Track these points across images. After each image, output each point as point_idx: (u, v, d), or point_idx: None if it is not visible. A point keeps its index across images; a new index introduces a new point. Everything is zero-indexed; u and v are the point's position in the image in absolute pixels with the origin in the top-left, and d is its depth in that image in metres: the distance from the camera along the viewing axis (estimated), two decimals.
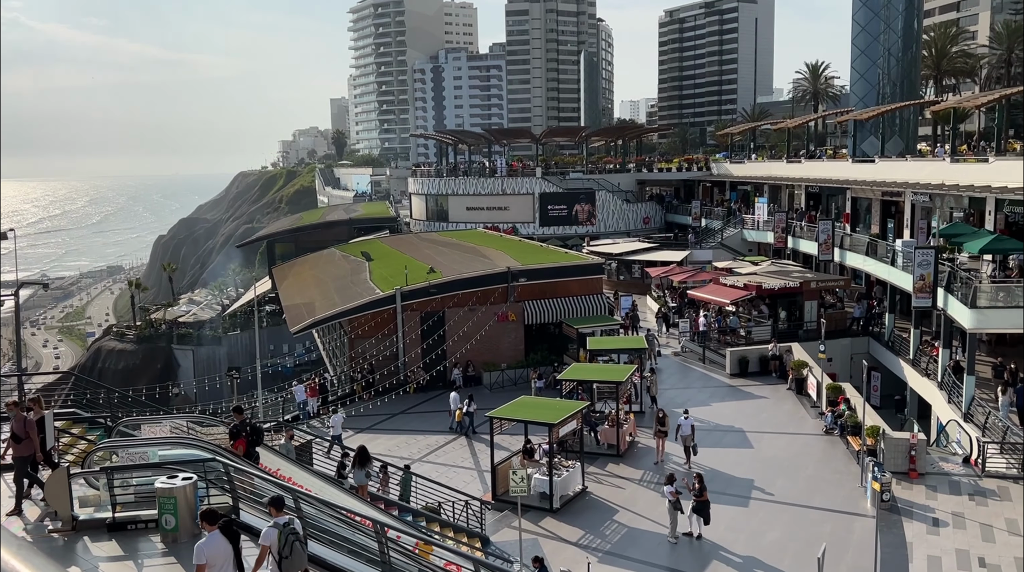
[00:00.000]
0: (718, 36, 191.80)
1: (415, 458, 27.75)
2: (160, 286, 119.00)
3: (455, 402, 31.83)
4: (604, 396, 29.29)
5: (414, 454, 28.27)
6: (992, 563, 19.24)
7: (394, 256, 48.90)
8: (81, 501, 12.89)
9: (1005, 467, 24.29)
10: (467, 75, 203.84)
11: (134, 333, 68.03)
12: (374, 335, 35.86)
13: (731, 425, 29.62)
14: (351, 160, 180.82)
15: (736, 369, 36.31)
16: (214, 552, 9.89)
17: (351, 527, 12.65)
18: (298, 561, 10.41)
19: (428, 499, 21.90)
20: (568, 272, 39.69)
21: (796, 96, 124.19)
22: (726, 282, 42.61)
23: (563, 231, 70.54)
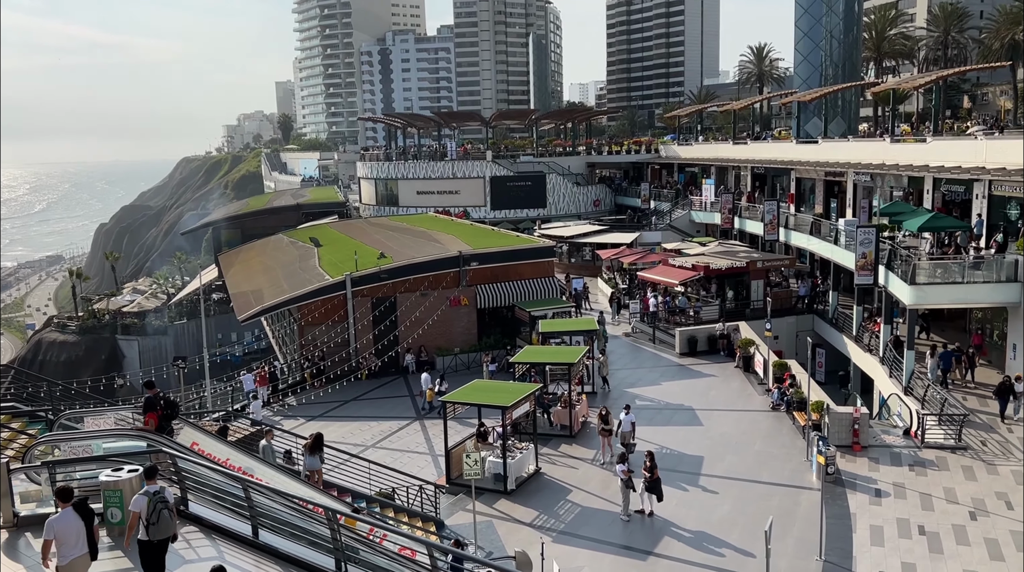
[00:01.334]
0: (665, 19, 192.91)
1: (368, 444, 27.62)
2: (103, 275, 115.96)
3: (427, 382, 31.86)
4: (557, 378, 29.42)
5: (367, 441, 28.12)
6: (931, 531, 19.92)
7: (343, 242, 48.34)
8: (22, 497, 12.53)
9: (943, 438, 25.11)
10: (415, 57, 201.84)
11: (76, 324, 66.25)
12: (324, 322, 35.50)
13: (681, 404, 30.05)
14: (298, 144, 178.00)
15: (685, 348, 36.80)
16: (64, 528, 10.29)
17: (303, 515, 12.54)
18: (164, 527, 10.91)
19: (382, 485, 21.83)
20: (520, 255, 39.72)
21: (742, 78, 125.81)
22: (675, 263, 43.09)
23: (514, 214, 70.52)
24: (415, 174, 72.95)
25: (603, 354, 32.50)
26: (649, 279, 44.01)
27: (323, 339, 35.33)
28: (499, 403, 23.21)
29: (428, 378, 32.18)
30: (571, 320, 37.14)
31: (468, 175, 70.97)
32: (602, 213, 71.84)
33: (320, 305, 35.55)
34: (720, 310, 40.66)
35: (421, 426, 29.56)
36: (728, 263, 41.67)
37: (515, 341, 37.55)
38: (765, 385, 31.35)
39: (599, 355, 32.56)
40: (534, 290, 38.91)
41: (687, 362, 35.71)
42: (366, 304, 36.26)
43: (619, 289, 48.02)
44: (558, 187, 71.21)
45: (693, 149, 66.75)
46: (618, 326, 43.12)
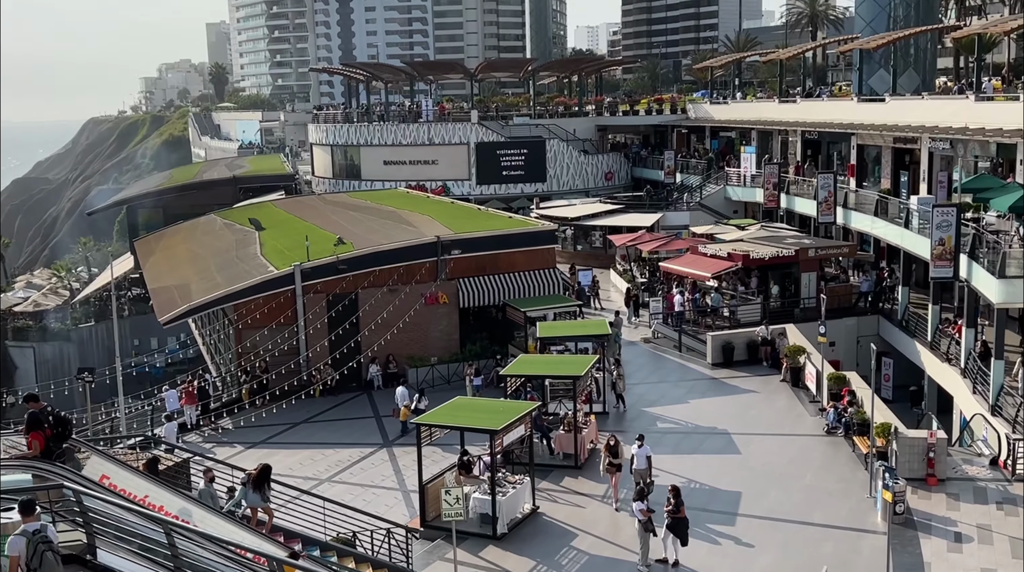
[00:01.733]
0: None
1: (323, 477, 27.64)
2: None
3: (402, 398, 31.98)
4: (559, 395, 29.45)
5: (322, 473, 28.15)
6: None
7: (292, 224, 48.27)
8: None
9: None
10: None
11: None
12: (267, 325, 35.48)
13: (713, 426, 30.17)
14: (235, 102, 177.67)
15: (719, 357, 36.94)
16: None
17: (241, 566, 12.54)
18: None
19: (340, 528, 21.85)
20: (513, 242, 39.75)
21: (790, 21, 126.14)
22: (706, 251, 43.21)
23: (506, 191, 70.56)
24: (381, 140, 72.88)
25: (617, 365, 32.60)
26: (674, 271, 44.09)
27: (266, 346, 35.29)
28: (487, 426, 23.25)
29: (404, 393, 32.28)
30: (577, 322, 37.13)
31: (448, 141, 70.93)
32: (615, 189, 71.88)
33: (262, 304, 35.51)
34: (762, 310, 40.78)
35: (389, 455, 29.59)
36: (773, 251, 41.83)
37: (506, 349, 37.57)
38: (818, 403, 31.49)
39: (612, 366, 32.65)
40: (530, 285, 38.95)
41: (721, 375, 35.82)
42: (320, 302, 36.24)
43: (636, 284, 48.13)
44: (561, 156, 71.27)
45: (729, 109, 66.90)
46: (635, 330, 43.19)
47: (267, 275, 36.39)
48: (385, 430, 31.98)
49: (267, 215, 52.30)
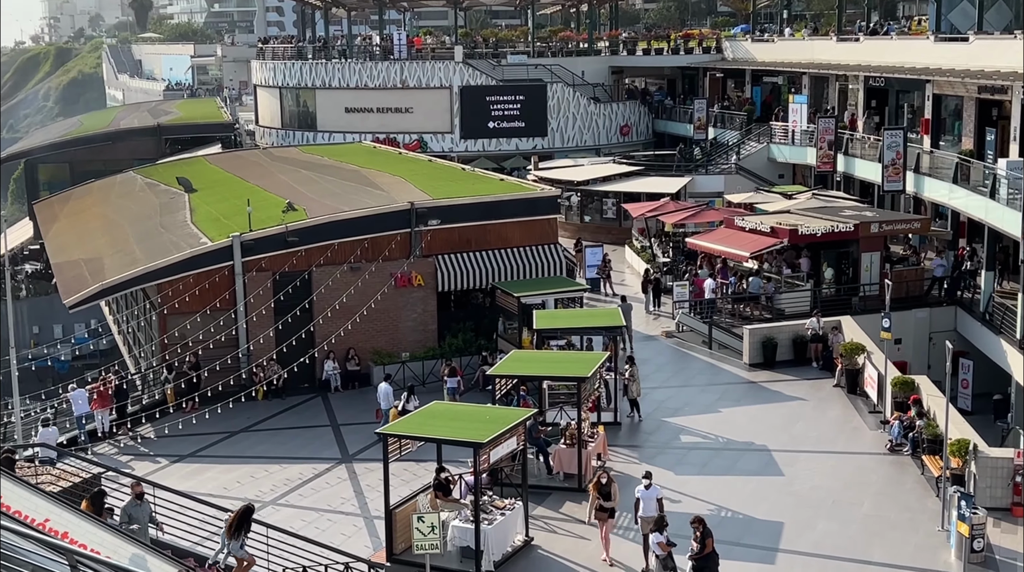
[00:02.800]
0: None
1: (268, 499, 27.67)
2: None
3: (386, 398, 32.15)
4: (559, 401, 29.48)
5: (266, 493, 28.17)
6: None
7: (230, 185, 48.18)
8: None
9: None
10: None
11: None
12: (199, 310, 35.43)
13: (750, 441, 30.28)
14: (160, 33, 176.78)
15: (758, 356, 37.05)
16: None
17: None
18: None
19: (288, 563, 21.89)
20: (505, 210, 39.74)
21: None
22: (744, 225, 43.27)
23: (497, 147, 70.44)
24: (343, 81, 72.62)
25: (630, 364, 32.66)
26: (704, 249, 44.12)
27: (197, 336, 35.26)
28: (470, 438, 23.26)
29: (388, 391, 32.37)
30: (583, 310, 37.18)
31: (426, 84, 70.71)
32: (633, 145, 71.81)
33: (193, 284, 35.46)
34: (813, 299, 40.87)
35: (349, 472, 29.64)
36: (827, 226, 41.89)
37: (495, 343, 37.64)
38: (880, 414, 31.61)
39: (624, 366, 32.71)
40: (526, 264, 38.98)
41: (761, 378, 35.92)
42: (265, 283, 36.20)
43: (657, 265, 48.15)
44: (566, 104, 71.13)
45: (775, 48, 66.73)
46: (655, 321, 43.20)
47: (199, 248, 36.26)
48: (344, 441, 32.04)
49: (200, 173, 52.10)
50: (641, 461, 28.94)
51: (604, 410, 31.59)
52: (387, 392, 32.58)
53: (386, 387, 32.78)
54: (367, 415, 33.34)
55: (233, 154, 63.76)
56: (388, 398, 32.37)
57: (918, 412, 29.09)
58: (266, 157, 58.20)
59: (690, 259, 46.89)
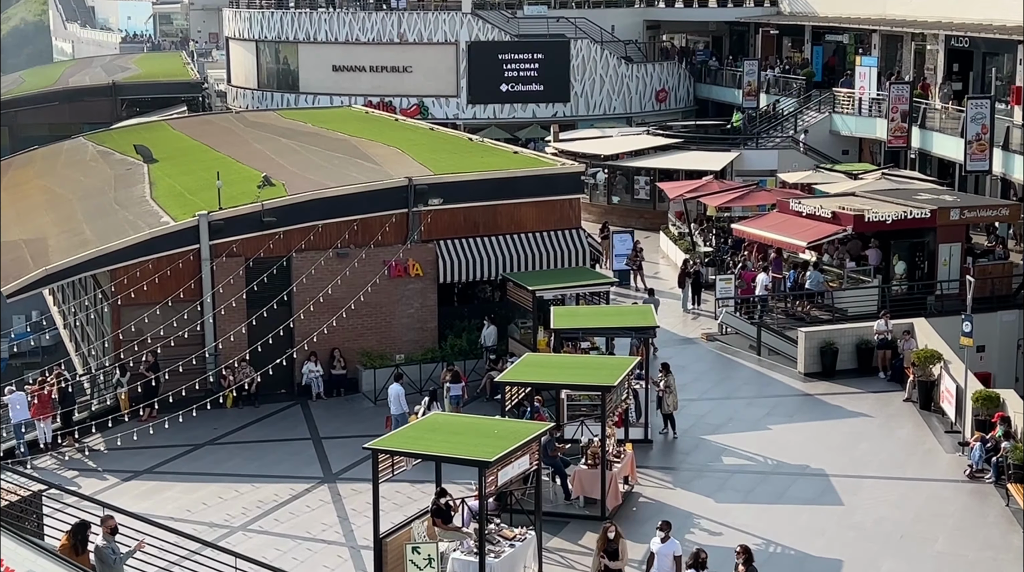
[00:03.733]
0: None
1: (237, 524, 27.69)
2: None
3: (398, 402, 32.11)
4: (580, 413, 29.37)
5: (234, 517, 28.19)
6: None
7: (197, 154, 48.19)
8: None
9: None
10: None
11: None
12: (159, 301, 35.39)
13: (804, 464, 30.21)
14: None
15: (815, 364, 36.95)
16: None
17: None
18: None
19: None
20: (519, 188, 39.67)
21: None
22: (801, 209, 43.14)
23: (511, 114, 70.34)
24: (330, 35, 72.63)
25: (665, 372, 32.48)
26: (753, 237, 43.97)
27: (156, 332, 35.25)
28: (474, 455, 23.22)
29: (400, 394, 32.27)
30: (610, 308, 37.11)
31: (428, 38, 70.69)
32: (671, 114, 71.67)
33: (152, 270, 35.43)
34: (881, 297, 40.76)
35: (332, 494, 29.63)
36: (898, 211, 41.75)
37: (506, 344, 37.64)
38: (958, 435, 31.47)
39: (659, 374, 32.57)
40: (543, 252, 38.94)
41: (818, 389, 35.82)
42: (236, 270, 36.15)
43: (698, 254, 48.02)
44: (592, 65, 71.02)
45: (840, 1, 66.49)
46: (695, 321, 43.09)
47: (159, 229, 36.19)
48: (327, 458, 31.98)
49: (162, 141, 52.09)
50: (676, 486, 28.94)
51: (633, 425, 31.49)
52: (399, 395, 32.29)
53: (398, 388, 32.54)
54: (354, 426, 33.39)
55: (201, 118, 63.75)
56: (400, 402, 32.12)
57: (1004, 432, 28.91)
58: (239, 123, 58.20)
59: (736, 249, 46.76)
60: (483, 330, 37.55)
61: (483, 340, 37.53)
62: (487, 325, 37.57)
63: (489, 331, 37.50)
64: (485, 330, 37.55)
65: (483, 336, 37.52)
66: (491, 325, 37.56)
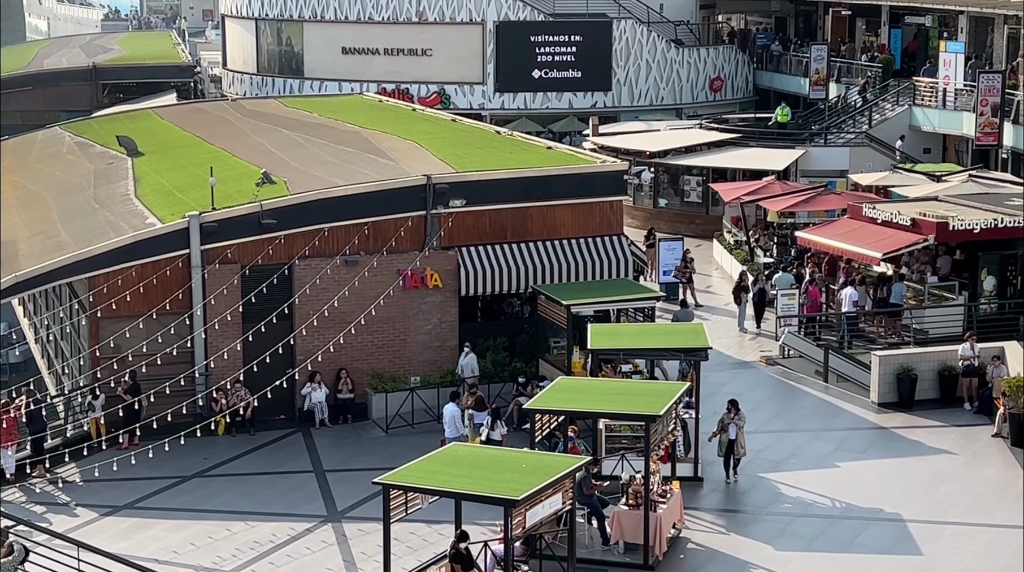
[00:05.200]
0: None
1: (228, 568, 27.71)
2: None
3: (453, 424, 32.35)
4: (621, 446, 29.42)
5: (226, 560, 28.22)
6: None
7: (188, 147, 48.34)
8: None
9: None
10: None
11: None
12: (143, 313, 35.51)
13: (877, 508, 30.05)
14: None
15: (891, 393, 36.82)
16: None
17: None
18: None
19: None
20: (553, 189, 39.65)
21: None
22: (876, 215, 43.00)
23: (544, 104, 70.31)
24: (339, 13, 72.74)
25: (734, 410, 31.56)
26: (821, 246, 43.78)
27: (139, 348, 35.39)
28: (499, 493, 23.24)
29: (456, 414, 32.57)
30: (656, 325, 37.14)
31: (451, 18, 70.78)
32: (727, 106, 71.55)
33: (135, 278, 35.52)
34: (967, 316, 40.57)
35: (337, 534, 29.63)
36: (988, 218, 41.54)
37: (536, 366, 37.69)
38: None
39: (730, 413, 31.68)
40: (579, 261, 38.92)
41: (894, 422, 35.69)
42: (231, 279, 36.23)
43: (756, 265, 47.82)
44: (638, 48, 71.01)
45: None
46: (753, 341, 42.98)
47: (144, 231, 36.32)
48: (331, 493, 31.99)
49: (148, 132, 52.27)
50: (730, 531, 28.84)
51: (680, 460, 31.30)
52: (455, 416, 32.47)
53: (454, 409, 32.71)
54: (362, 458, 33.41)
55: (193, 107, 63.95)
56: (456, 425, 32.31)
57: None
58: (236, 112, 58.38)
59: (800, 260, 46.57)
60: (460, 359, 37.12)
61: (460, 371, 36.97)
62: (466, 352, 37.07)
63: (467, 361, 36.99)
64: (463, 359, 37.04)
65: (460, 366, 37.06)
66: (470, 352, 37.01)
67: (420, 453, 26.46)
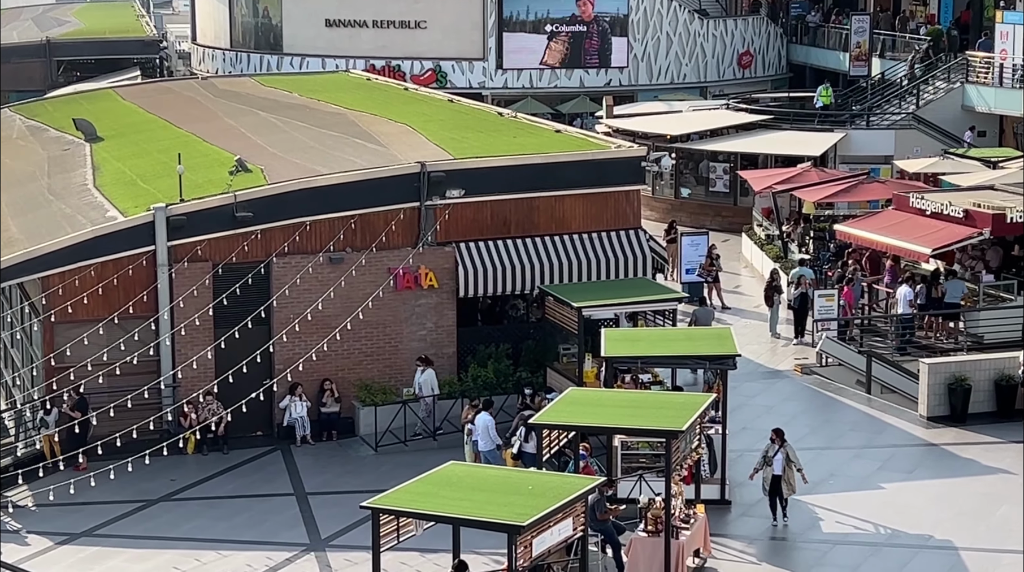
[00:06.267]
0: None
1: None
2: None
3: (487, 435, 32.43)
4: (639, 465, 29.48)
5: None
6: None
7: (153, 131, 48.42)
8: None
9: None
10: None
11: None
12: (103, 318, 35.53)
13: (927, 535, 30.00)
14: None
15: (941, 406, 36.78)
16: None
17: None
18: None
19: None
20: (562, 177, 39.69)
21: None
22: (924, 206, 42.98)
23: (552, 82, 70.33)
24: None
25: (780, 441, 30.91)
26: (862, 242, 43.72)
27: (99, 357, 35.31)
28: (502, 518, 23.13)
29: (490, 425, 32.67)
30: (678, 330, 37.14)
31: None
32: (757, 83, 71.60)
33: (94, 278, 35.58)
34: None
35: (320, 565, 29.66)
36: None
37: (543, 375, 37.78)
38: None
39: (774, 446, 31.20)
40: (591, 259, 39.02)
41: (945, 438, 35.69)
42: (202, 279, 36.28)
43: (791, 263, 47.64)
44: (656, 19, 71.07)
45: None
46: (787, 348, 42.85)
47: (104, 226, 36.36)
48: (314, 519, 31.98)
49: (109, 114, 52.42)
50: (761, 560, 28.87)
51: (706, 482, 31.31)
52: (488, 426, 32.51)
53: (487, 419, 32.74)
54: (348, 479, 33.43)
55: (158, 86, 64.10)
56: (491, 435, 32.40)
57: None
58: (207, 91, 58.45)
59: (839, 256, 46.42)
60: (416, 376, 36.82)
61: (416, 389, 36.69)
62: (421, 369, 36.66)
63: (425, 377, 36.71)
64: (419, 376, 36.70)
65: (416, 384, 36.81)
66: (427, 368, 36.64)
67: (413, 473, 26.38)
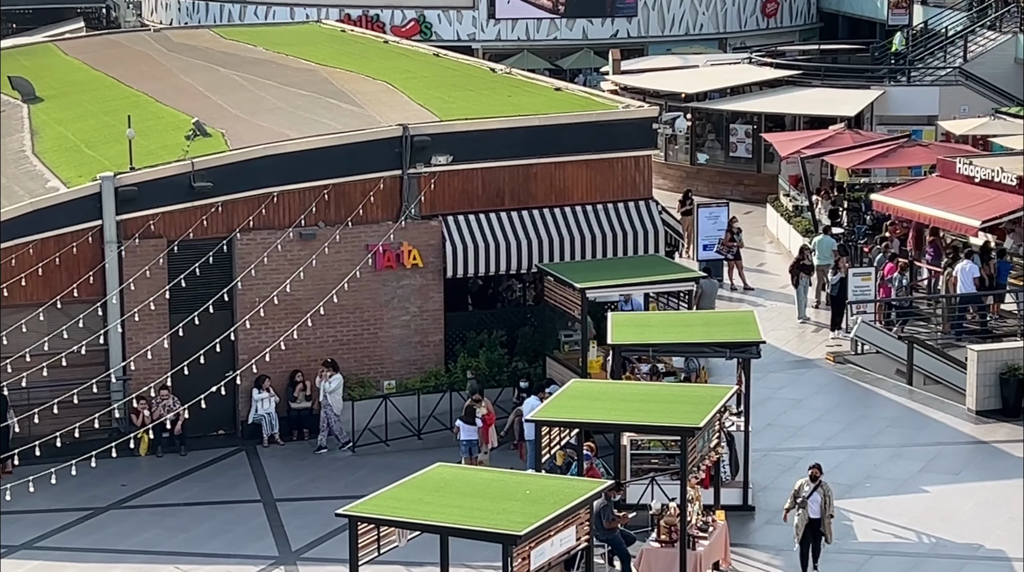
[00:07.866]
0: None
1: None
2: None
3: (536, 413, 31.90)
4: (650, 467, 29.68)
5: None
6: None
7: (100, 90, 48.51)
8: None
9: None
10: None
11: None
12: (44, 302, 35.58)
13: (976, 544, 30.08)
14: None
15: (992, 399, 36.93)
16: None
17: None
18: None
19: None
20: (563, 141, 39.77)
21: None
22: (972, 173, 43.08)
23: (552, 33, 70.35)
24: None
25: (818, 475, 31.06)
26: (902, 213, 43.79)
27: (39, 345, 35.33)
28: (497, 527, 23.29)
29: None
30: (694, 314, 37.24)
31: None
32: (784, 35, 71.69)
33: (33, 257, 35.63)
34: None
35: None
36: None
37: (543, 365, 37.90)
38: None
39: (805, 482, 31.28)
40: (596, 233, 39.16)
41: (996, 435, 35.78)
42: (155, 258, 36.34)
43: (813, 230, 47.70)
44: None
45: None
46: (817, 333, 42.96)
47: (45, 197, 36.51)
48: (284, 528, 32.08)
49: (49, 71, 52.41)
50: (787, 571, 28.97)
51: (725, 485, 31.40)
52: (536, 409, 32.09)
53: (536, 403, 32.58)
54: (322, 484, 33.55)
55: (105, 38, 63.95)
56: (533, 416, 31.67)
57: None
58: (160, 45, 58.36)
59: (876, 229, 46.47)
60: (324, 383, 36.44)
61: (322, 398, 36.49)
62: (328, 374, 36.59)
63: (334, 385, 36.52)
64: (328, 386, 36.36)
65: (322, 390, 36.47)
66: (335, 373, 36.65)
67: (396, 477, 26.44)
